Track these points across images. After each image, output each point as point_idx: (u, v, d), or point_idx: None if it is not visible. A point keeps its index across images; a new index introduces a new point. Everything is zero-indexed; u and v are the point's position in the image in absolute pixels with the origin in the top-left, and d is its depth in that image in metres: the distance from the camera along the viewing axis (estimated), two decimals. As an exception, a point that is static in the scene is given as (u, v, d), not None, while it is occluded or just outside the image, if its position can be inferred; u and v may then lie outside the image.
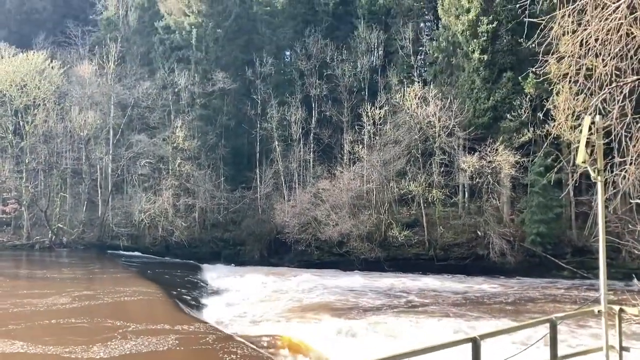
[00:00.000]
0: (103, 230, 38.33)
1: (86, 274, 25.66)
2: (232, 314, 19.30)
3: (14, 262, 31.54)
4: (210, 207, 37.72)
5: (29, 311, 15.78)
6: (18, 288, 20.15)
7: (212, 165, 39.16)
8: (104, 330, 13.88)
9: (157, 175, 38.47)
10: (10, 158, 39.33)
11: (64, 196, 39.41)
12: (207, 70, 39.28)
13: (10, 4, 49.95)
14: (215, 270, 30.84)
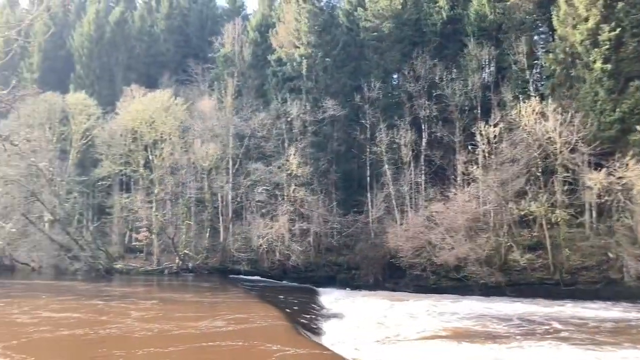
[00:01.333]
0: (225, 255, 40.26)
1: (217, 298, 27.09)
2: (351, 338, 19.31)
3: (153, 287, 33.89)
4: (324, 231, 38.38)
5: (190, 334, 16.94)
6: (172, 311, 21.68)
7: (325, 190, 39.91)
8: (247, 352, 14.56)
9: (274, 201, 39.86)
10: (141, 189, 42.70)
11: (189, 224, 41.97)
12: (317, 98, 40.39)
13: (139, 48, 54.78)
14: (331, 294, 31.17)
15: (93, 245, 41.55)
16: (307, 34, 41.17)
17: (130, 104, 42.60)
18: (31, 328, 17.65)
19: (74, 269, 39.44)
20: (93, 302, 24.49)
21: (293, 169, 38.66)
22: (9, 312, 21.18)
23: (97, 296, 27.15)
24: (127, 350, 14.40)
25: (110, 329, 17.64)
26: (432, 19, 40.42)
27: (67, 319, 19.66)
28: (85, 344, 15.71)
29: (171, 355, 13.80)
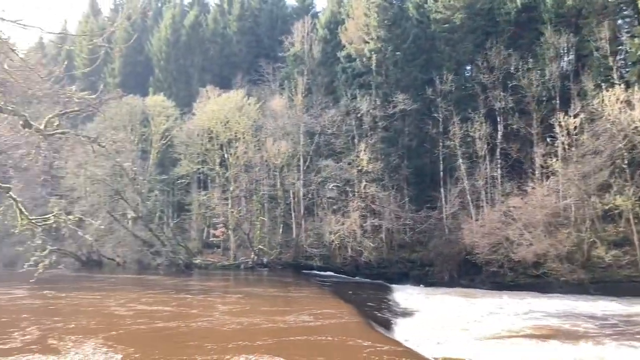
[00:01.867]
0: (298, 251, 40.85)
1: (298, 293, 27.65)
2: (424, 335, 19.11)
3: (233, 282, 35.00)
4: (396, 227, 38.07)
5: (279, 328, 17.51)
6: (257, 305, 22.46)
7: (396, 186, 39.57)
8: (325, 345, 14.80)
9: (344, 198, 40.00)
10: (218, 187, 44.06)
11: (262, 220, 42.90)
12: (387, 93, 40.08)
13: (213, 50, 56.43)
14: (405, 291, 30.95)
15: (173, 241, 43.33)
16: (377, 28, 40.92)
17: (205, 105, 44.05)
18: (128, 320, 18.80)
19: (155, 264, 41.28)
20: (181, 296, 25.70)
21: (364, 165, 38.61)
22: (106, 305, 22.56)
23: (183, 290, 28.41)
24: (217, 343, 14.96)
25: (200, 322, 18.43)
26: (505, 8, 39.06)
27: (160, 311, 20.72)
28: (179, 336, 16.49)
29: (260, 349, 14.18)
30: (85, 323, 18.23)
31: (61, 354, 13.64)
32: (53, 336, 15.75)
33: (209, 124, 43.18)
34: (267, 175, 43.74)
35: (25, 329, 16.91)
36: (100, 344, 14.68)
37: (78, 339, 15.30)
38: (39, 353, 13.60)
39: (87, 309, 21.47)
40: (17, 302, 23.66)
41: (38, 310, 21.58)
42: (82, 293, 26.67)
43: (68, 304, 23.25)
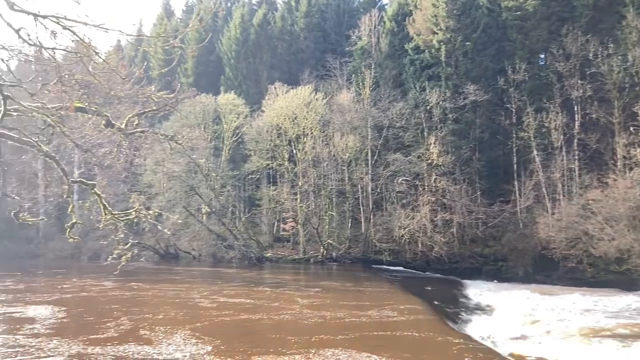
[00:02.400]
0: (367, 245, 40.84)
1: (373, 288, 27.75)
2: (499, 332, 18.63)
3: (308, 275, 35.49)
4: (468, 221, 37.29)
5: (358, 322, 17.70)
6: (336, 299, 22.80)
7: (468, 179, 38.71)
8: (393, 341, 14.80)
9: (414, 192, 39.57)
10: (287, 182, 44.74)
11: (331, 214, 43.18)
12: (457, 84, 39.24)
13: (281, 47, 57.19)
14: (477, 287, 30.25)
15: (245, 234, 44.45)
16: (446, 18, 40.08)
17: (274, 101, 44.77)
18: (212, 312, 19.57)
19: (229, 257, 42.54)
20: (260, 289, 26.41)
21: (433, 158, 38.03)
22: (190, 297, 23.56)
23: (261, 283, 29.18)
24: (301, 336, 15.29)
25: (283, 315, 18.89)
26: (583, -8, 37.19)
27: (242, 304, 21.36)
28: (262, 328, 16.98)
29: (343, 344, 14.35)
30: (172, 314, 19.12)
31: (154, 344, 14.37)
32: (144, 327, 16.63)
33: (278, 120, 43.88)
34: (335, 170, 43.95)
35: (117, 319, 17.93)
36: (188, 335, 15.34)
37: (167, 330, 16.08)
38: (134, 343, 14.38)
39: (172, 301, 22.45)
40: (107, 293, 25.08)
41: (127, 301, 22.73)
42: (165, 285, 28.03)
43: (154, 295, 24.43)
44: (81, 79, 11.42)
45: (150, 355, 13.31)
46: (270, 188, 46.43)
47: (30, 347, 14.10)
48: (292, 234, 44.62)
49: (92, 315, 19.40)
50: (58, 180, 17.07)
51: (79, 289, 26.74)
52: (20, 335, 15.47)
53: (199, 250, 44.50)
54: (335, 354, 13.19)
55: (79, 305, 21.80)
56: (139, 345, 14.23)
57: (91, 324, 17.56)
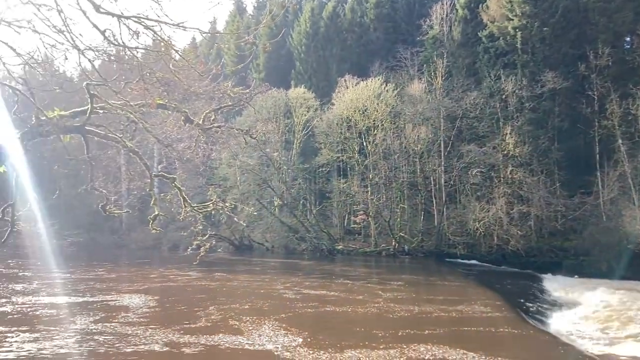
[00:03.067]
0: (440, 238, 40.18)
1: (440, 282, 27.38)
2: (582, 329, 17.90)
3: (383, 269, 35.16)
4: (546, 214, 35.87)
5: (445, 317, 17.69)
6: (420, 293, 22.92)
7: (546, 170, 37.18)
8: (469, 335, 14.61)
9: (489, 184, 38.48)
10: (357, 174, 44.69)
11: (403, 207, 42.77)
12: (534, 72, 37.69)
13: (351, 39, 57.06)
14: (557, 282, 29.08)
15: (316, 227, 44.88)
16: (521, 4, 38.54)
17: (344, 94, 44.77)
18: (297, 303, 20.07)
19: (300, 249, 43.14)
20: (341, 282, 26.67)
21: (510, 149, 36.80)
22: (274, 288, 24.26)
23: (341, 275, 29.44)
24: (387, 330, 15.36)
25: (368, 308, 19.04)
26: (675, -32, 34.71)
27: (326, 296, 21.70)
28: (349, 321, 17.16)
29: (431, 339, 14.34)
30: (258, 305, 19.71)
31: (244, 334, 14.84)
32: (232, 317, 17.23)
33: (348, 113, 43.87)
34: (407, 162, 43.46)
35: (206, 309, 18.69)
36: (276, 326, 15.77)
37: (255, 320, 16.58)
38: (226, 333, 14.91)
39: (257, 291, 23.11)
40: (193, 283, 26.17)
41: (213, 291, 23.68)
42: (247, 276, 28.92)
43: (239, 286, 25.19)
44: (161, 77, 11.88)
45: (242, 345, 13.74)
46: (340, 181, 46.55)
47: (128, 335, 14.87)
48: (363, 226, 44.58)
49: (182, 304, 20.26)
50: (140, 174, 17.86)
51: (166, 278, 28.02)
52: (116, 323, 16.36)
53: (272, 242, 45.38)
54: (428, 350, 13.13)
55: (168, 294, 22.75)
56: (230, 335, 14.70)
57: (182, 313, 18.38)
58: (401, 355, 12.68)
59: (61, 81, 16.02)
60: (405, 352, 12.93)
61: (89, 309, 18.95)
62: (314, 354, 12.92)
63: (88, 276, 29.11)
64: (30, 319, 17.28)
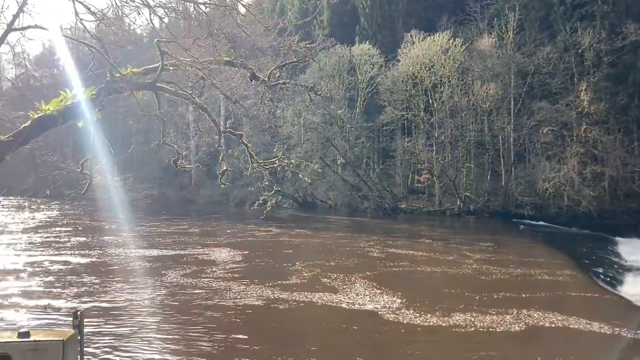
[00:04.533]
0: (507, 198, 39.23)
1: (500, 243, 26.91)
2: (658, 295, 17.18)
3: (455, 229, 34.84)
4: (622, 175, 34.19)
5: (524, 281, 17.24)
6: (505, 255, 22.40)
7: (624, 128, 35.23)
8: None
9: (561, 143, 36.95)
10: (422, 133, 43.95)
11: (469, 166, 41.87)
12: (614, 23, 35.30)
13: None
14: (632, 245, 27.84)
15: (379, 186, 44.81)
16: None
17: (410, 50, 43.68)
18: (385, 262, 20.11)
19: (363, 207, 43.34)
20: (424, 241, 26.48)
21: (584, 106, 35.03)
22: (358, 246, 24.41)
23: (422, 235, 29.03)
24: (482, 292, 14.98)
25: (459, 269, 18.81)
26: None
27: (412, 256, 21.56)
28: (442, 282, 16.94)
29: (529, 303, 13.89)
30: (346, 262, 19.86)
31: (339, 292, 14.84)
32: (322, 274, 17.35)
33: (413, 69, 42.86)
34: (474, 120, 42.30)
35: (294, 265, 18.97)
36: (369, 285, 15.66)
37: (346, 278, 16.60)
38: (320, 291, 14.95)
39: (341, 249, 23.29)
40: (275, 239, 26.80)
41: (297, 247, 24.23)
42: (326, 233, 29.41)
43: (322, 243, 25.63)
44: (228, 33, 11.98)
45: (340, 303, 13.68)
46: (404, 139, 45.94)
47: (221, 289, 15.21)
48: (427, 185, 44.06)
49: (269, 260, 20.69)
50: (209, 130, 18.34)
51: (247, 234, 28.66)
52: (208, 277, 16.80)
53: (335, 200, 45.77)
54: (529, 315, 12.66)
55: (253, 249, 23.06)
56: (325, 293, 14.70)
57: (272, 269, 18.77)
58: (517, 321, 12.16)
59: (133, 39, 16.49)
60: (521, 317, 12.41)
61: (179, 262, 19.54)
62: (420, 317, 12.41)
63: (170, 230, 30.34)
64: (124, 270, 18.15)
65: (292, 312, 13.17)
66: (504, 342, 11.00)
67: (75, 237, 26.57)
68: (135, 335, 11.01)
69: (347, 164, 46.33)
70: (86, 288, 15.36)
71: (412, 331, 11.51)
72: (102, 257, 20.91)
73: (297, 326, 12.53)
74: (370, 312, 12.91)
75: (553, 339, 11.18)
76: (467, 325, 11.81)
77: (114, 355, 9.86)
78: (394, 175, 47.98)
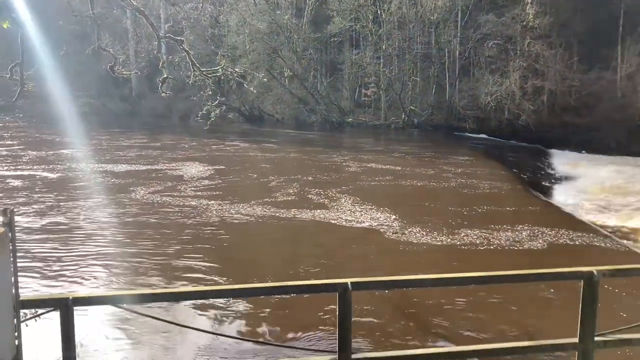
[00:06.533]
0: (450, 112, 39.97)
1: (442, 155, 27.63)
2: (583, 201, 18.45)
3: (390, 141, 35.22)
4: (560, 89, 35.30)
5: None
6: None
7: (565, 43, 35.92)
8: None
9: (505, 57, 37.44)
10: (370, 45, 43.43)
11: (415, 80, 42.05)
12: None
13: None
14: (564, 157, 29.40)
15: (327, 99, 44.59)
16: None
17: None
18: (364, 176, 20.01)
19: (310, 121, 43.29)
20: (399, 155, 26.47)
21: (529, 19, 35.26)
22: (332, 160, 24.21)
23: (394, 150, 28.83)
24: (476, 207, 15.23)
25: (443, 182, 19.16)
26: None
27: (393, 171, 21.45)
28: (434, 197, 17.18)
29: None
30: (324, 178, 19.54)
31: (329, 209, 14.45)
32: (306, 190, 16.86)
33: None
34: (422, 33, 41.99)
35: (272, 181, 18.52)
36: (359, 201, 15.36)
37: (331, 195, 16.25)
38: (310, 208, 14.49)
39: (316, 164, 23.05)
40: (244, 153, 26.14)
41: (268, 162, 23.60)
42: (292, 147, 29.03)
43: (293, 158, 25.28)
44: None
45: (336, 220, 13.30)
46: (352, 52, 45.33)
47: (201, 206, 14.48)
48: (374, 99, 44.19)
49: (243, 175, 20.06)
50: (148, 36, 17.55)
51: (214, 148, 27.72)
52: (183, 195, 15.92)
53: (282, 113, 45.40)
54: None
55: (223, 164, 22.35)
56: (317, 210, 14.26)
57: (250, 185, 18.18)
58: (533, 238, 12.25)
59: None
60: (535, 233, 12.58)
61: (148, 178, 18.74)
62: (424, 235, 12.20)
63: (130, 143, 29.10)
64: (91, 187, 17.30)
65: (289, 229, 12.82)
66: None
67: (29, 151, 25.09)
68: (99, 254, 10.72)
69: (295, 77, 45.62)
70: (50, 203, 14.77)
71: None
72: (65, 172, 19.90)
73: (297, 241, 12.21)
74: (372, 231, 12.61)
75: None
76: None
77: (73, 272, 9.65)
78: (342, 89, 47.67)
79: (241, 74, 19.99)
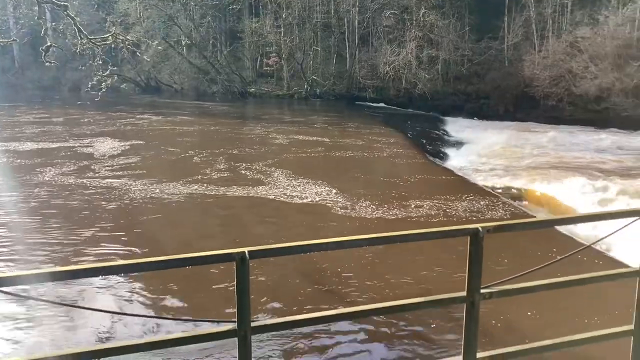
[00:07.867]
0: (351, 82, 40.58)
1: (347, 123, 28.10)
2: (475, 165, 19.55)
3: (293, 111, 35.58)
4: (453, 59, 36.84)
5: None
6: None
7: (457, 13, 37.43)
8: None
9: (401, 27, 38.40)
10: (270, 13, 42.86)
11: (316, 49, 42.17)
12: None
13: None
14: (457, 124, 30.92)
15: (228, 69, 43.66)
16: None
17: None
18: (293, 149, 19.60)
19: (211, 91, 42.28)
20: (322, 127, 26.37)
21: (424, -11, 36.35)
22: (256, 133, 23.61)
23: (315, 122, 28.54)
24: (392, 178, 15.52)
25: (379, 153, 19.24)
26: None
27: (322, 142, 21.21)
28: (371, 169, 16.93)
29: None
30: (251, 151, 19.03)
31: (267, 185, 13.78)
32: (236, 166, 16.13)
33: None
34: (321, 1, 42.01)
35: (196, 155, 17.69)
36: (295, 175, 14.92)
37: (263, 169, 15.68)
38: (251, 185, 13.71)
39: (240, 137, 22.45)
40: (157, 127, 24.88)
41: (187, 135, 22.61)
42: (207, 119, 28.12)
43: (213, 131, 24.38)
44: None
45: (277, 196, 12.70)
46: (252, 20, 44.53)
47: (120, 187, 13.40)
48: (276, 69, 43.87)
49: (162, 149, 19.11)
50: (28, 1, 16.19)
51: (123, 121, 26.23)
52: (99, 175, 14.78)
53: (181, 83, 43.98)
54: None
55: (135, 138, 21.23)
56: (254, 186, 13.58)
57: (173, 162, 17.21)
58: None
59: None
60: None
61: (58, 156, 17.31)
62: (371, 209, 11.83)
63: (28, 119, 26.86)
64: None
65: (223, 208, 12.09)
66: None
67: None
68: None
69: (193, 46, 44.16)
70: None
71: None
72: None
73: (238, 223, 11.38)
74: (318, 206, 12.06)
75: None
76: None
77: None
78: (243, 59, 46.82)
79: (135, 42, 19.06)
